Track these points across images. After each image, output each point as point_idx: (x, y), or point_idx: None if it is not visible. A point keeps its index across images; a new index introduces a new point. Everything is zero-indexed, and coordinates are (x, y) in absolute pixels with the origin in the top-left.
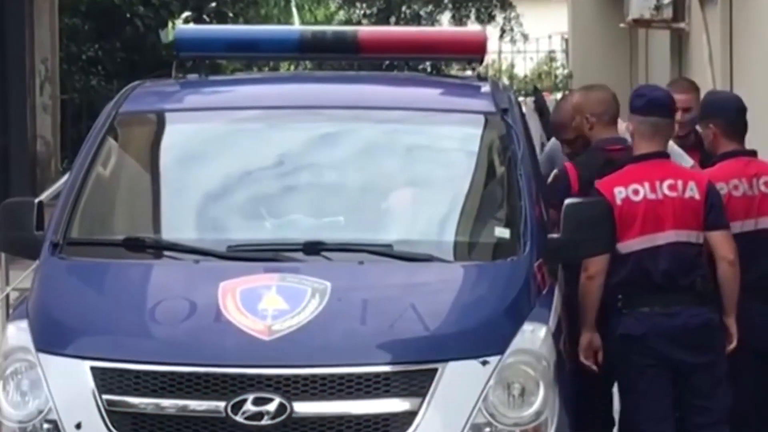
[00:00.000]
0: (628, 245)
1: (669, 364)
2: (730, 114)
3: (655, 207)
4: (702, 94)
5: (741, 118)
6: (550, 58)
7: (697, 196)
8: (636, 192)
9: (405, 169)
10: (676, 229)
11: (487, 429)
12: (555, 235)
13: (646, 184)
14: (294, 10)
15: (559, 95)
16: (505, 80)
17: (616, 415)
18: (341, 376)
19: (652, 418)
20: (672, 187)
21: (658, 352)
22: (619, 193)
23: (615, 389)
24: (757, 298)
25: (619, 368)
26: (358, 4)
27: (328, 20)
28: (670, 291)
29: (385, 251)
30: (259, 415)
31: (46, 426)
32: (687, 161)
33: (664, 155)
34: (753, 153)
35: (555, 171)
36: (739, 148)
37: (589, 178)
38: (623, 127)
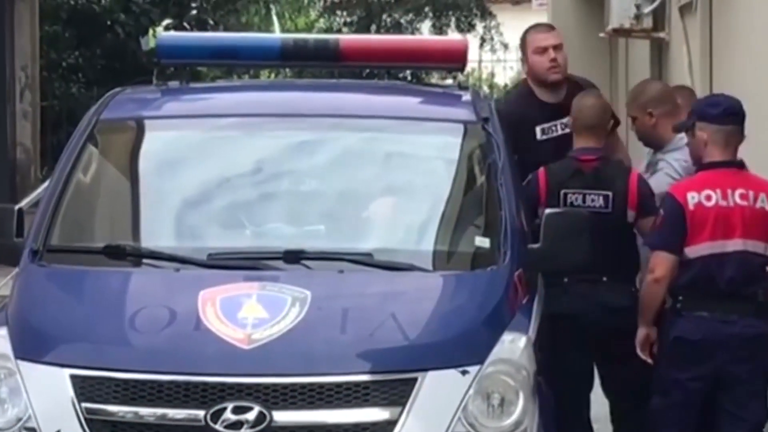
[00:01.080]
0: (696, 249)
1: (714, 371)
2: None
3: (726, 214)
4: None
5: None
6: None
7: (767, 207)
8: (708, 198)
9: (385, 178)
10: (744, 238)
11: None
12: (535, 245)
13: (719, 191)
14: (274, 18)
15: None
16: (486, 89)
17: (595, 424)
18: (321, 385)
19: (677, 425)
20: (743, 197)
21: (709, 361)
22: (692, 198)
23: (593, 397)
24: None
25: (663, 368)
26: (338, 12)
27: (309, 28)
28: (732, 299)
29: (365, 260)
30: (238, 424)
31: None
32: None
33: (737, 164)
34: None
35: (529, 176)
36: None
37: (556, 185)
38: None
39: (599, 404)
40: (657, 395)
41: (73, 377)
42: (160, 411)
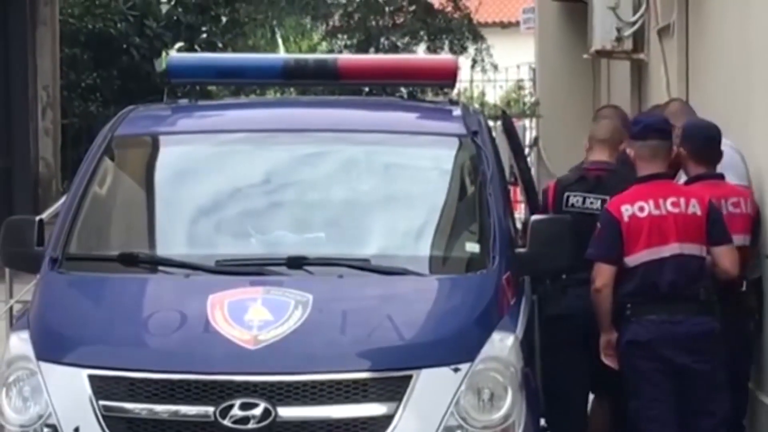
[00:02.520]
0: (635, 258)
1: (673, 369)
2: (698, 141)
3: (659, 222)
4: None
5: (710, 145)
6: (519, 86)
7: (699, 212)
8: (641, 209)
9: (382, 188)
10: (679, 242)
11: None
12: (522, 250)
13: (651, 202)
14: (279, 41)
15: (526, 121)
16: (477, 106)
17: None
18: (322, 383)
19: (656, 421)
20: (675, 204)
21: (663, 358)
22: (626, 210)
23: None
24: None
25: (626, 373)
26: (339, 36)
27: (312, 51)
28: (675, 300)
29: (364, 265)
30: (245, 420)
31: (46, 430)
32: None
33: (666, 176)
34: (720, 176)
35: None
36: (708, 171)
37: (562, 189)
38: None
39: None
40: (630, 398)
41: (90, 377)
42: (172, 408)
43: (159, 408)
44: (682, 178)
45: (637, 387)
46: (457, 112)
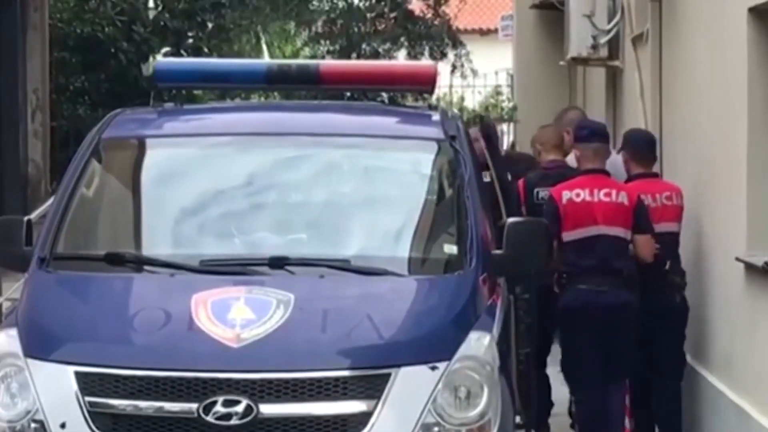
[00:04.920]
0: (570, 234)
1: (597, 329)
2: (639, 146)
3: (591, 207)
4: (636, 125)
5: (649, 150)
6: (497, 92)
7: (626, 203)
8: (578, 195)
9: (362, 191)
10: (606, 225)
11: (436, 429)
12: (498, 251)
13: (587, 190)
14: (264, 47)
15: (504, 126)
16: (456, 111)
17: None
18: (303, 380)
19: (583, 367)
20: (607, 194)
21: (590, 320)
22: (565, 195)
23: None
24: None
25: (561, 331)
26: (322, 42)
27: (295, 56)
28: (603, 274)
29: (344, 266)
30: (228, 416)
31: (33, 425)
32: (621, 174)
33: (603, 171)
34: (656, 175)
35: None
36: (646, 171)
37: (531, 186)
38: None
39: None
40: (563, 357)
41: (77, 374)
42: (157, 404)
43: (143, 404)
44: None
45: (569, 342)
46: (435, 116)
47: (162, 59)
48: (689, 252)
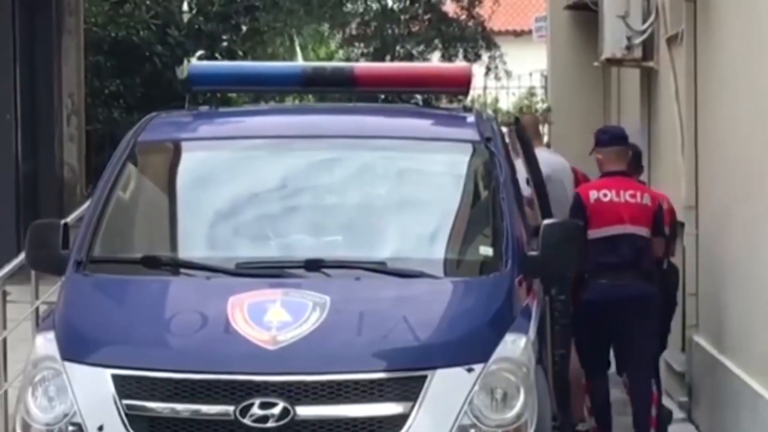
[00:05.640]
0: (596, 232)
1: (616, 320)
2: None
3: (618, 207)
4: (671, 127)
5: (636, 162)
6: (531, 93)
7: (649, 204)
8: (605, 195)
9: (397, 193)
10: (631, 224)
11: (473, 430)
12: (533, 253)
13: (613, 191)
14: (298, 49)
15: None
16: (490, 112)
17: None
18: (339, 382)
19: (594, 352)
20: (632, 196)
21: (608, 312)
22: (593, 195)
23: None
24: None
25: (581, 321)
26: (356, 44)
27: (330, 58)
28: (623, 269)
29: (380, 268)
30: (264, 418)
31: (71, 428)
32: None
33: (626, 173)
34: (625, 173)
35: None
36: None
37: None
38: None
39: None
40: (579, 340)
41: (114, 376)
42: (193, 407)
43: (180, 407)
44: None
45: (586, 331)
46: (470, 118)
47: (196, 62)
48: (728, 254)
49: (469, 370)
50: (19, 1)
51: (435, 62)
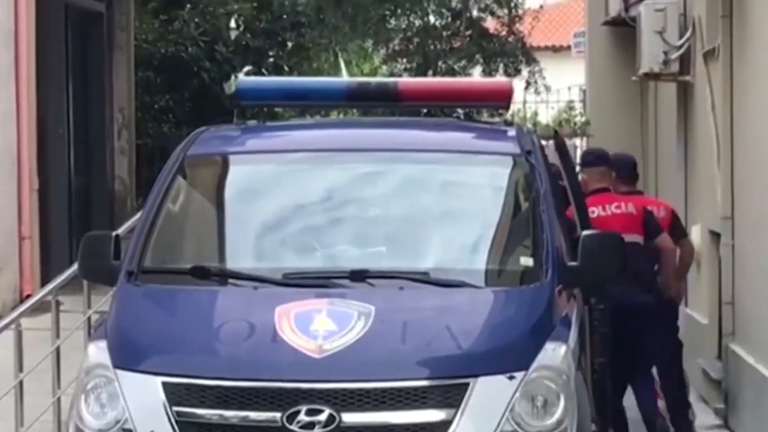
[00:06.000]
0: None
1: (629, 326)
2: (626, 167)
3: (606, 220)
4: (707, 139)
5: (632, 170)
6: (570, 107)
7: (634, 212)
8: (593, 212)
9: (439, 205)
10: (625, 232)
11: None
12: (573, 263)
13: (600, 207)
14: (342, 65)
15: (577, 141)
16: (530, 126)
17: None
18: (384, 390)
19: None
20: (617, 207)
21: (621, 318)
22: None
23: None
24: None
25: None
26: (399, 60)
27: (373, 73)
28: (631, 280)
29: (423, 278)
30: (311, 425)
31: None
32: None
33: (609, 189)
34: (608, 189)
35: None
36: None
37: None
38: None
39: None
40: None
41: (164, 384)
42: (242, 413)
43: (229, 413)
44: None
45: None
46: (511, 132)
47: (244, 78)
48: (764, 264)
49: (511, 378)
50: (72, 18)
51: (476, 77)
